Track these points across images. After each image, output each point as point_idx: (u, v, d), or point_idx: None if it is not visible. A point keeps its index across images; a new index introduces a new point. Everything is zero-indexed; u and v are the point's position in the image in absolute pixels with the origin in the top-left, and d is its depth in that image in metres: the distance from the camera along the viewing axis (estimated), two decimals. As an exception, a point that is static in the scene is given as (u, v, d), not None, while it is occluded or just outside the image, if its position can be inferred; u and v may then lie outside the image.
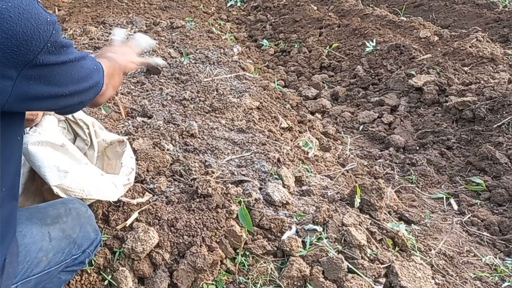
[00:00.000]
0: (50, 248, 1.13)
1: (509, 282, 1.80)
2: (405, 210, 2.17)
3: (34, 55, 0.85)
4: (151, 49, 1.68)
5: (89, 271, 1.52)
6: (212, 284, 1.55)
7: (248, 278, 1.58)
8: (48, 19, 0.87)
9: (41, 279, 1.12)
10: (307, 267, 1.57)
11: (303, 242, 1.68)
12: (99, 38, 3.92)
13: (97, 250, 1.43)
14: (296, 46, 4.63)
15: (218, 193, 1.80)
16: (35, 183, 1.50)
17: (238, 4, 6.47)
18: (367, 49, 4.10)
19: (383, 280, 1.59)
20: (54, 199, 1.35)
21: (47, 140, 1.39)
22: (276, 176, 2.06)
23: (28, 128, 1.41)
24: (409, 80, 3.44)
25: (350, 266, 1.58)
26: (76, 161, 1.46)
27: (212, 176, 1.94)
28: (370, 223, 1.85)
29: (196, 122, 2.51)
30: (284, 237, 1.70)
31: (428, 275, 1.64)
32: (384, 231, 1.84)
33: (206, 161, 2.11)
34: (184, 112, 2.67)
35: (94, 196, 1.44)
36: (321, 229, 1.73)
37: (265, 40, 4.94)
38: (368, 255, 1.67)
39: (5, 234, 0.99)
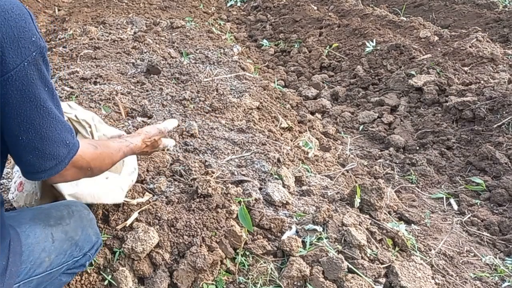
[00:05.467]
0: (53, 249, 1.13)
1: (509, 282, 1.79)
2: (405, 210, 2.17)
3: (9, 69, 0.82)
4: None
5: (89, 271, 1.52)
6: (212, 284, 1.55)
7: (248, 278, 1.58)
8: (33, 39, 0.84)
9: (43, 280, 1.12)
10: (307, 267, 1.57)
11: (303, 242, 1.68)
12: (99, 38, 3.93)
13: (97, 253, 1.43)
14: (296, 46, 4.63)
15: (218, 193, 1.80)
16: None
17: (238, 4, 6.47)
18: (367, 49, 4.10)
19: (383, 280, 1.59)
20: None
21: None
22: (276, 176, 2.06)
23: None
24: (409, 80, 3.44)
25: (350, 266, 1.58)
26: None
27: (212, 176, 1.94)
28: (370, 223, 1.85)
29: (196, 122, 2.51)
30: (284, 237, 1.70)
31: (428, 275, 1.64)
32: (384, 231, 1.84)
33: (206, 161, 2.11)
34: (184, 112, 2.67)
35: (103, 201, 1.48)
36: (321, 229, 1.73)
37: (265, 40, 4.94)
38: (368, 255, 1.67)
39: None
